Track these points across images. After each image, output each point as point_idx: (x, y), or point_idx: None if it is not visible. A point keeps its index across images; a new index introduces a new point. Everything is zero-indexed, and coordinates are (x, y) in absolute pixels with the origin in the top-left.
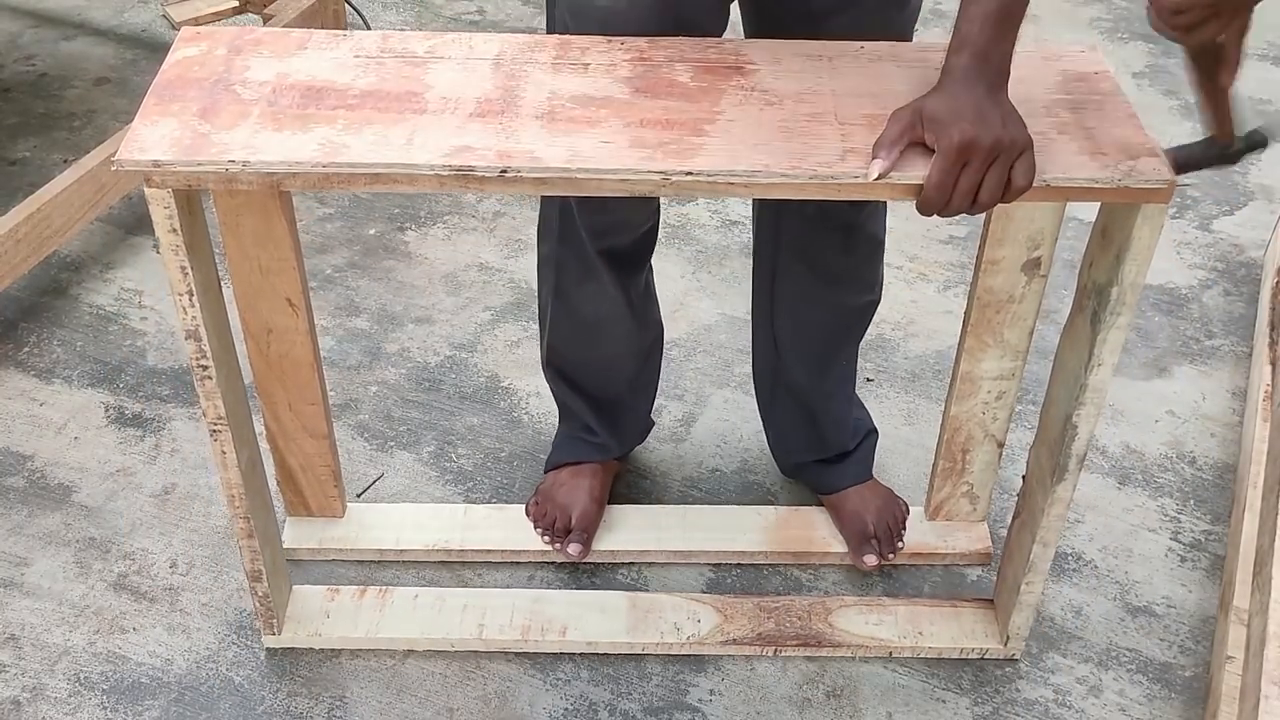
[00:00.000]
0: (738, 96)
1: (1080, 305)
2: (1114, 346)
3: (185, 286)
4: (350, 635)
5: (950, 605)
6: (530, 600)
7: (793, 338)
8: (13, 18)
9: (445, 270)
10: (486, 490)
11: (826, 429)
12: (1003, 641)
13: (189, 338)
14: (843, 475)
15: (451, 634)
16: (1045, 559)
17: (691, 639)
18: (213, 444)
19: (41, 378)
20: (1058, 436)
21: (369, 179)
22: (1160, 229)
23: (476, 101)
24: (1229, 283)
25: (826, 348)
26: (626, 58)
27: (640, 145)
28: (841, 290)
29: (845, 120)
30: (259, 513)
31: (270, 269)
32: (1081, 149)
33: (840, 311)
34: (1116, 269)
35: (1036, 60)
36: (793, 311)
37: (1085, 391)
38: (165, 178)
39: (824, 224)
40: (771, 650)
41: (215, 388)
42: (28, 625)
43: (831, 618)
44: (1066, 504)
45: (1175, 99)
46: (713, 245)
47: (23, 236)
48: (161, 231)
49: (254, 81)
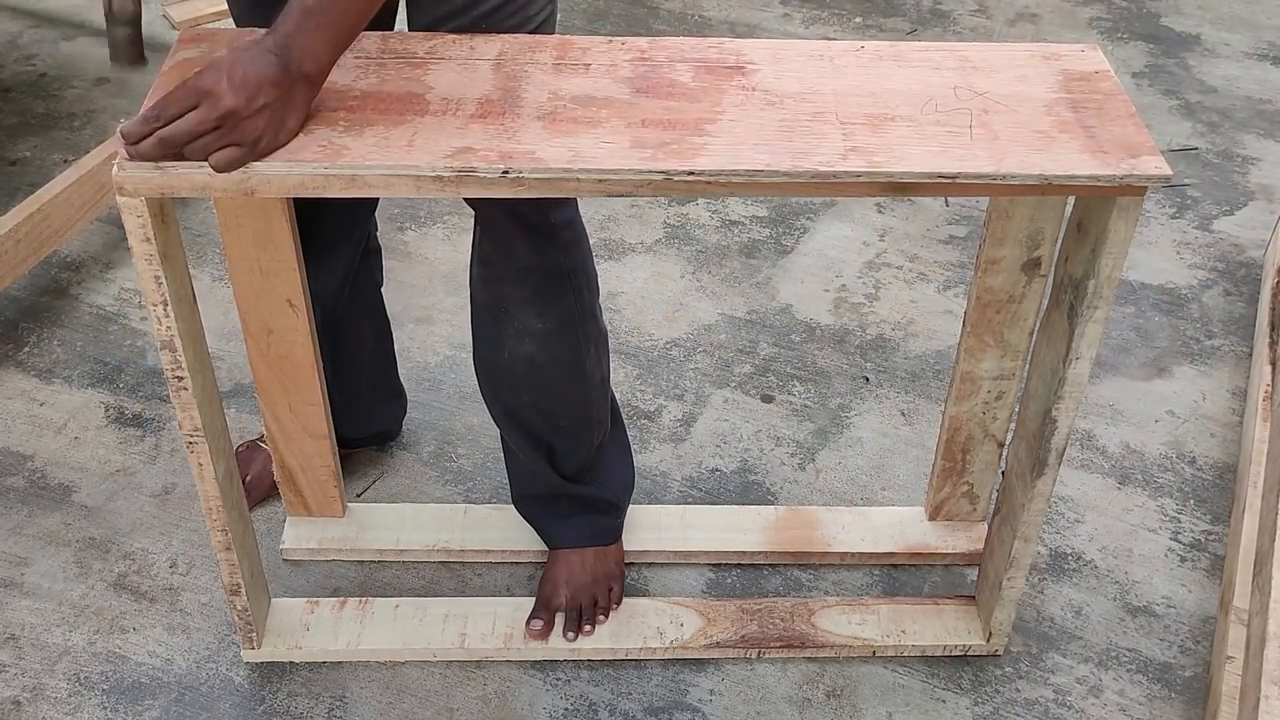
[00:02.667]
0: (739, 96)
1: (1057, 300)
2: (1091, 340)
3: (159, 296)
4: (330, 648)
5: (933, 603)
6: (512, 609)
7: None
8: (13, 18)
9: (445, 270)
10: (486, 490)
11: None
12: (985, 638)
13: (164, 348)
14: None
15: (433, 644)
16: (1026, 554)
17: (675, 643)
18: (189, 456)
19: (41, 378)
20: (1037, 431)
21: (367, 184)
22: (1135, 222)
23: (477, 102)
24: (1229, 283)
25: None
26: (627, 58)
27: (642, 145)
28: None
29: (846, 120)
30: (237, 525)
31: (270, 270)
32: (1083, 147)
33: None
34: (1093, 262)
35: (1037, 60)
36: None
37: (1064, 385)
38: (175, 184)
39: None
40: (755, 653)
41: (191, 398)
42: (28, 625)
43: (814, 618)
44: (1046, 498)
45: (1175, 99)
46: (713, 245)
47: (23, 236)
48: (134, 241)
49: None
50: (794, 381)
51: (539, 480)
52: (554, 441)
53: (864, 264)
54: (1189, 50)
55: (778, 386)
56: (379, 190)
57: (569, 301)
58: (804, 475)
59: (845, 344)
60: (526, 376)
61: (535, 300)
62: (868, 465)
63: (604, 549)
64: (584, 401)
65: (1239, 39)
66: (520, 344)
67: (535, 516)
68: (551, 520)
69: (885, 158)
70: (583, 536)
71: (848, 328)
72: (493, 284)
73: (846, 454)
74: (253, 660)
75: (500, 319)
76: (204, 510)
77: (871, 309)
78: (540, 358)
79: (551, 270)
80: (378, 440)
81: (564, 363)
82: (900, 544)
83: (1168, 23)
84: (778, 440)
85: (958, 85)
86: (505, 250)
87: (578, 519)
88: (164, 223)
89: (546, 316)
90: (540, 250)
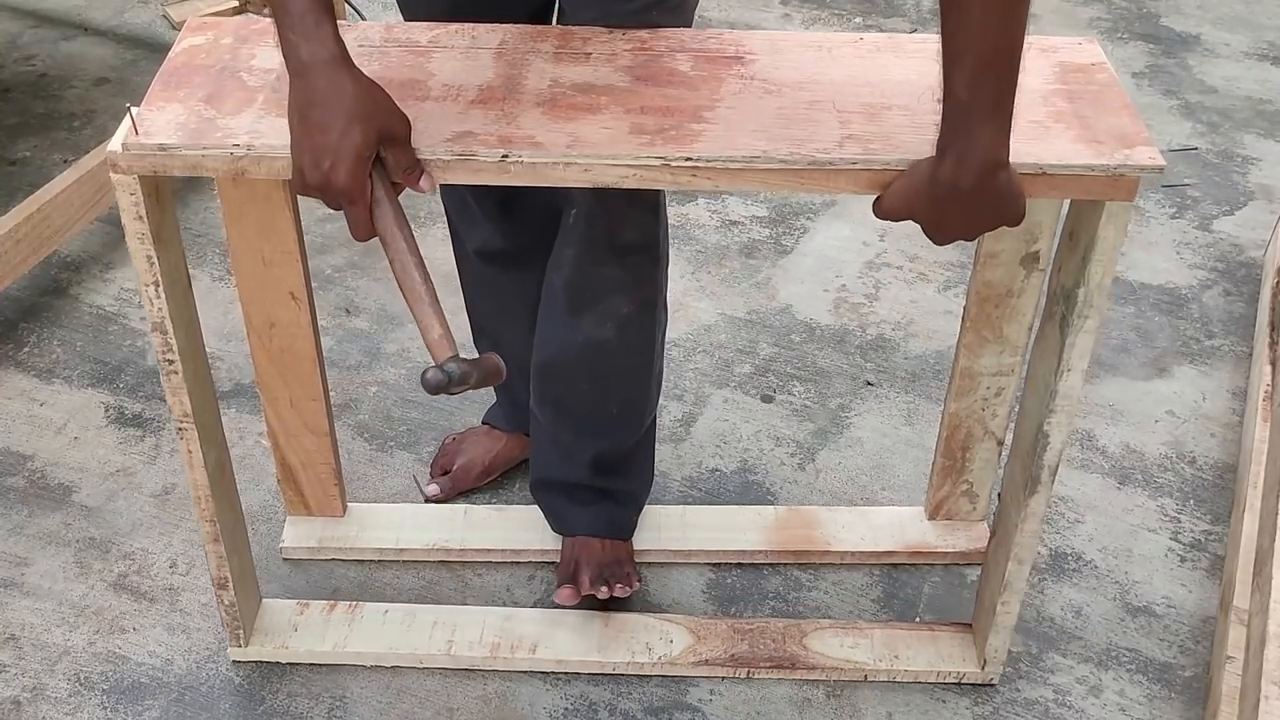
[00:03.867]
0: (737, 85)
1: (1050, 312)
2: (1083, 351)
3: (151, 276)
4: (316, 650)
5: (927, 629)
6: (501, 618)
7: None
8: (13, 18)
9: (445, 270)
10: (486, 490)
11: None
12: (980, 665)
13: (155, 330)
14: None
15: (419, 650)
16: (1021, 577)
17: (663, 659)
18: (179, 442)
19: (41, 378)
20: (1030, 448)
21: None
22: (1125, 229)
23: (479, 89)
24: (1229, 283)
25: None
26: (628, 47)
27: (640, 131)
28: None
29: (844, 109)
30: (226, 517)
31: (273, 261)
32: (1077, 137)
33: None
34: (1083, 270)
35: (1034, 51)
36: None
37: (1055, 399)
38: (169, 163)
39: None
40: (745, 672)
41: (181, 383)
42: (28, 625)
43: (806, 640)
44: (1040, 518)
45: (1175, 99)
46: (713, 245)
47: (23, 236)
48: (127, 219)
49: (260, 69)
50: (794, 381)
51: (570, 467)
52: (599, 430)
53: (864, 264)
54: (1189, 50)
55: (778, 386)
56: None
57: (659, 284)
58: (804, 475)
59: (845, 344)
60: (594, 364)
61: (630, 282)
62: (868, 465)
63: (616, 542)
64: (643, 391)
65: (1239, 39)
66: (601, 329)
67: (552, 502)
68: (570, 506)
69: (881, 145)
70: (598, 526)
71: (848, 328)
72: (588, 266)
73: (846, 454)
74: (239, 659)
75: (586, 304)
76: (193, 499)
77: (871, 309)
78: (615, 343)
79: (652, 249)
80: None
81: (637, 349)
82: (900, 543)
83: (1168, 23)
84: (778, 440)
85: None
86: (615, 227)
87: (596, 508)
88: (158, 202)
89: (634, 299)
90: (645, 227)
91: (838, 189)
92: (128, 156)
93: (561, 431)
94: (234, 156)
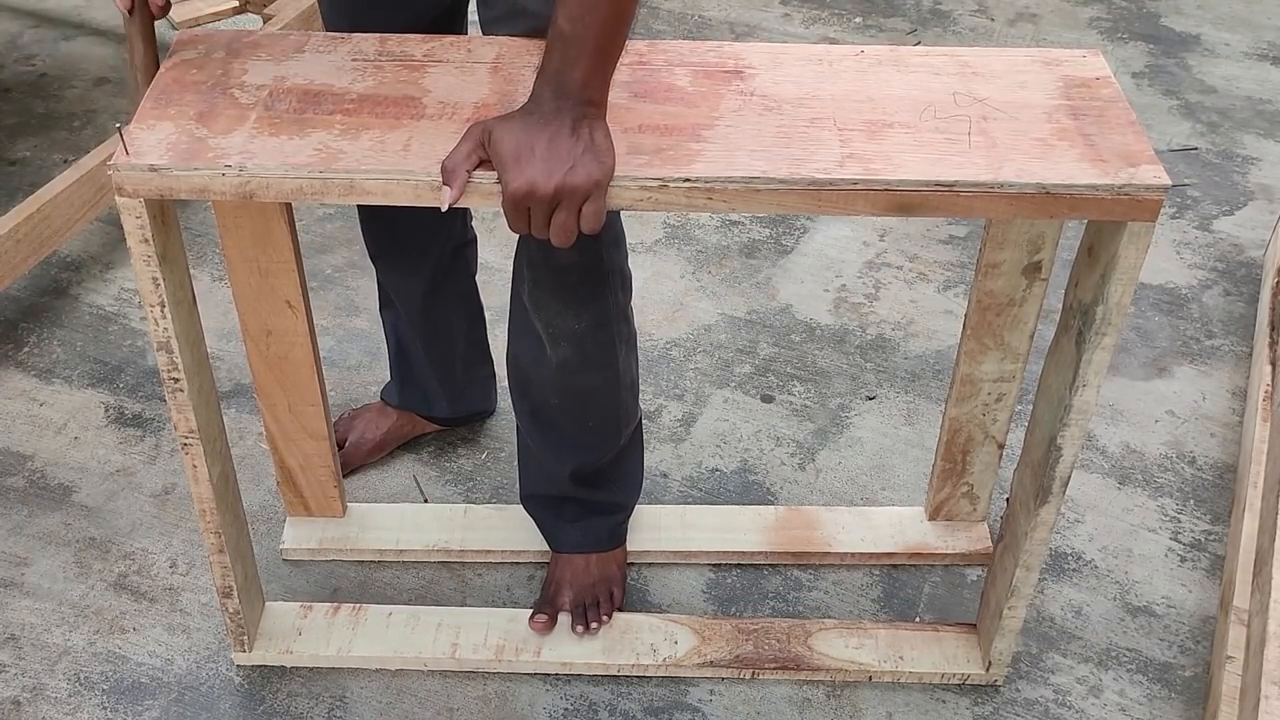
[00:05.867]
0: (736, 101)
1: (1065, 325)
2: (1099, 367)
3: (157, 298)
4: (321, 654)
5: (932, 630)
6: (506, 620)
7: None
8: (13, 18)
9: None
10: (486, 490)
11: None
12: (984, 667)
13: (160, 349)
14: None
15: (424, 653)
16: (1028, 583)
17: (668, 660)
18: (184, 458)
19: (41, 378)
20: (1041, 458)
21: (365, 190)
22: (1146, 249)
23: (474, 106)
24: (1229, 283)
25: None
26: (625, 61)
27: (637, 152)
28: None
29: (844, 126)
30: (230, 527)
31: (270, 270)
32: (1081, 155)
33: None
34: (1102, 288)
35: (1038, 65)
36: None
37: (1070, 413)
38: (174, 185)
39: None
40: (749, 673)
41: (187, 400)
42: (28, 625)
43: (811, 640)
44: (1050, 527)
45: (1175, 99)
46: (713, 245)
47: (23, 236)
48: (133, 242)
49: (251, 85)
50: (794, 381)
51: (552, 481)
52: (578, 443)
53: (864, 264)
54: (1189, 50)
55: (778, 386)
56: (377, 197)
57: (606, 302)
58: (804, 475)
59: (845, 344)
60: (560, 377)
61: (573, 300)
62: (868, 465)
63: (604, 556)
64: (614, 404)
65: (1239, 39)
66: (556, 345)
67: (542, 517)
68: (557, 523)
69: (882, 165)
70: (587, 543)
71: (848, 328)
72: (535, 287)
73: (846, 454)
74: (243, 663)
75: (538, 319)
76: (197, 512)
77: (871, 309)
78: (575, 360)
79: (592, 269)
80: (474, 419)
81: (596, 364)
82: (900, 544)
83: (1168, 23)
84: (778, 440)
85: (957, 91)
86: (550, 248)
87: (584, 524)
88: (163, 224)
89: (583, 317)
90: (582, 248)
91: (839, 210)
92: (133, 180)
93: (540, 445)
94: (241, 181)
